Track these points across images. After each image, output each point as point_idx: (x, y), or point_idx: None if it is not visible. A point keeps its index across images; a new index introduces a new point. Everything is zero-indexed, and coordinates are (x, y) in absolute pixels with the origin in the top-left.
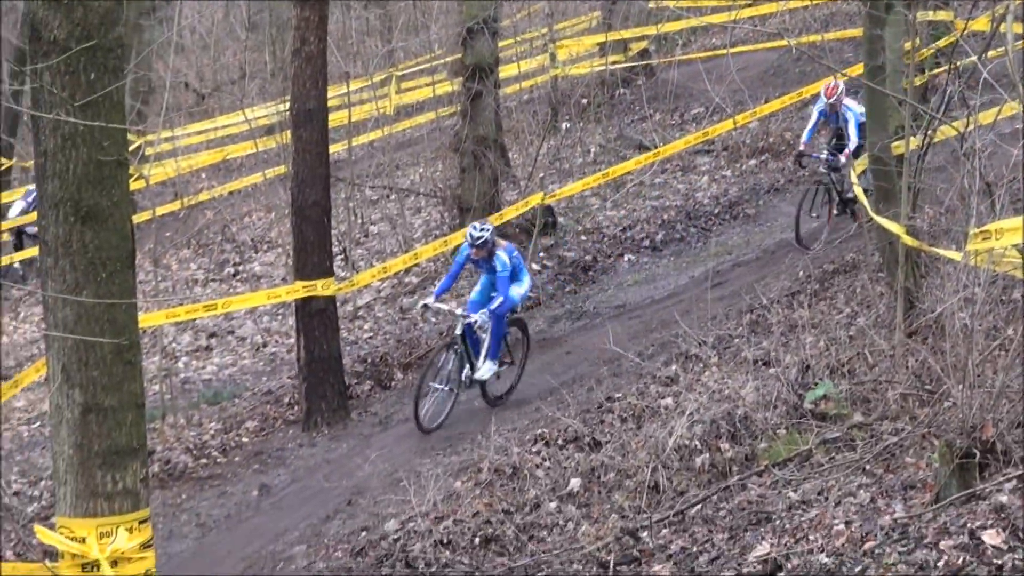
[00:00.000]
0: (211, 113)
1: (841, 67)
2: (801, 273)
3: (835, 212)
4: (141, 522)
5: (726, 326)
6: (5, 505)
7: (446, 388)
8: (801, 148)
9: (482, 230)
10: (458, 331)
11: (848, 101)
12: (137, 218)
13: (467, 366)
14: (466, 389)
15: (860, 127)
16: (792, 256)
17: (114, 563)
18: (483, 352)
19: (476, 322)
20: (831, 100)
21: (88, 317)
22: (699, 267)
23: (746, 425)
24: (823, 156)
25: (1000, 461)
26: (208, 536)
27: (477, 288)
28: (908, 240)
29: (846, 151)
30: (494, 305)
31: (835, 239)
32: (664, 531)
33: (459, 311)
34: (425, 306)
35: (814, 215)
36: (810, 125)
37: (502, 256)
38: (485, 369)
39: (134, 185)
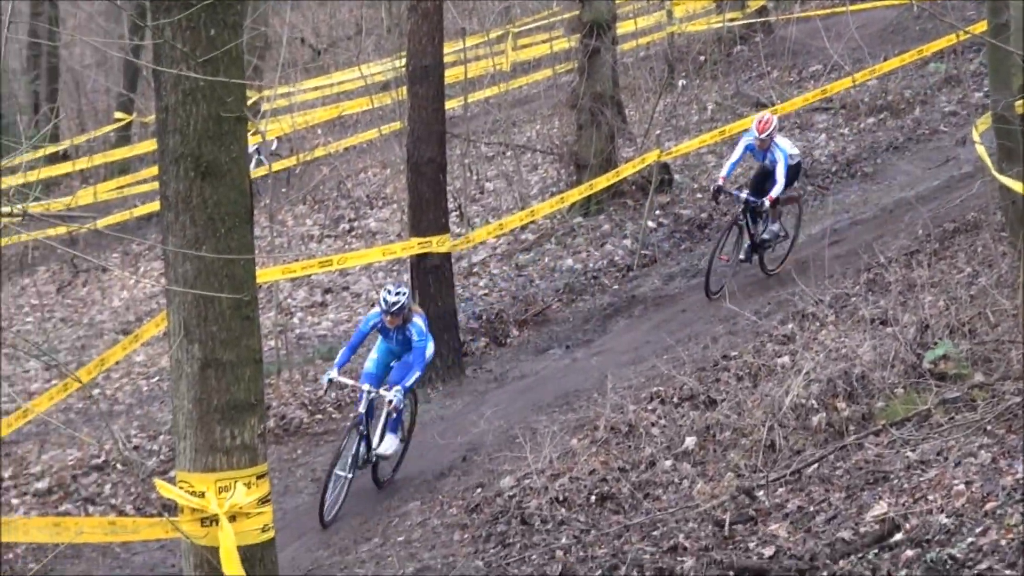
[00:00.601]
0: (327, 69)
1: (963, 25)
2: (920, 232)
3: (741, 257)
4: (259, 477)
5: (843, 285)
6: (125, 459)
7: (349, 475)
8: (719, 183)
9: (398, 294)
10: (362, 408)
11: (779, 139)
12: (254, 173)
13: (364, 444)
14: (360, 469)
15: (789, 169)
16: (911, 215)
17: (232, 518)
18: (381, 425)
19: (391, 401)
20: (762, 135)
21: (207, 272)
22: (816, 225)
23: (863, 384)
24: (743, 196)
25: None
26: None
27: (374, 357)
28: None
29: (771, 195)
30: (409, 381)
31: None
32: (780, 490)
33: (365, 387)
34: (330, 380)
35: (725, 259)
36: (733, 158)
37: (419, 324)
38: (387, 443)
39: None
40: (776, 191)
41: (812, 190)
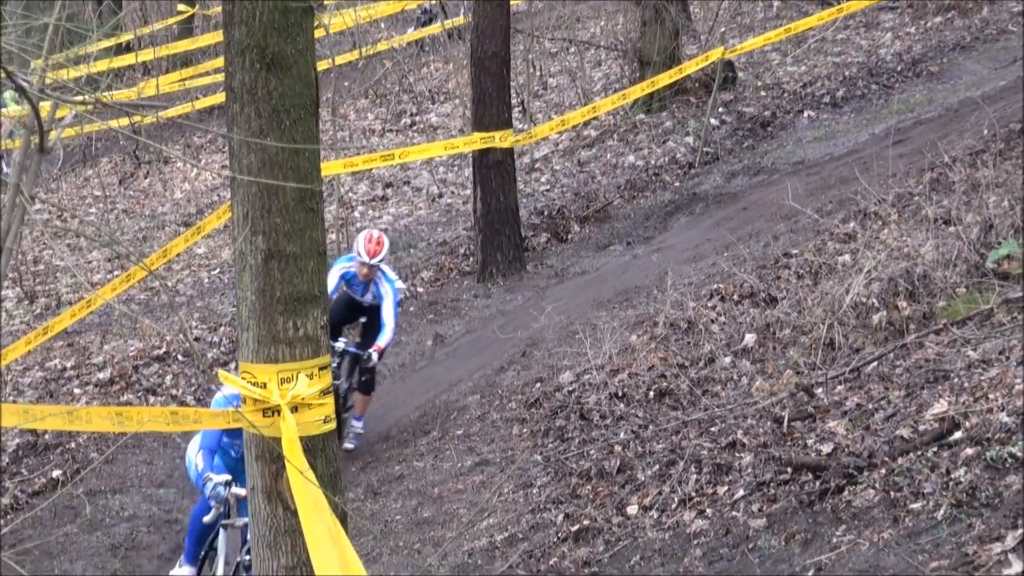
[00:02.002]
0: None
1: None
2: (986, 132)
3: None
4: (321, 369)
5: (906, 184)
6: (187, 350)
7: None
8: None
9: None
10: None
11: (387, 269)
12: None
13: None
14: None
15: (398, 306)
16: (977, 115)
17: (294, 409)
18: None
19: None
20: (371, 260)
21: (272, 163)
22: (880, 124)
23: (924, 283)
24: (340, 346)
25: None
26: (383, 384)
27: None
28: None
29: (378, 344)
30: (383, 340)
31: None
32: (839, 388)
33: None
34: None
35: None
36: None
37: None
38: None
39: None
40: (386, 339)
41: (876, 89)
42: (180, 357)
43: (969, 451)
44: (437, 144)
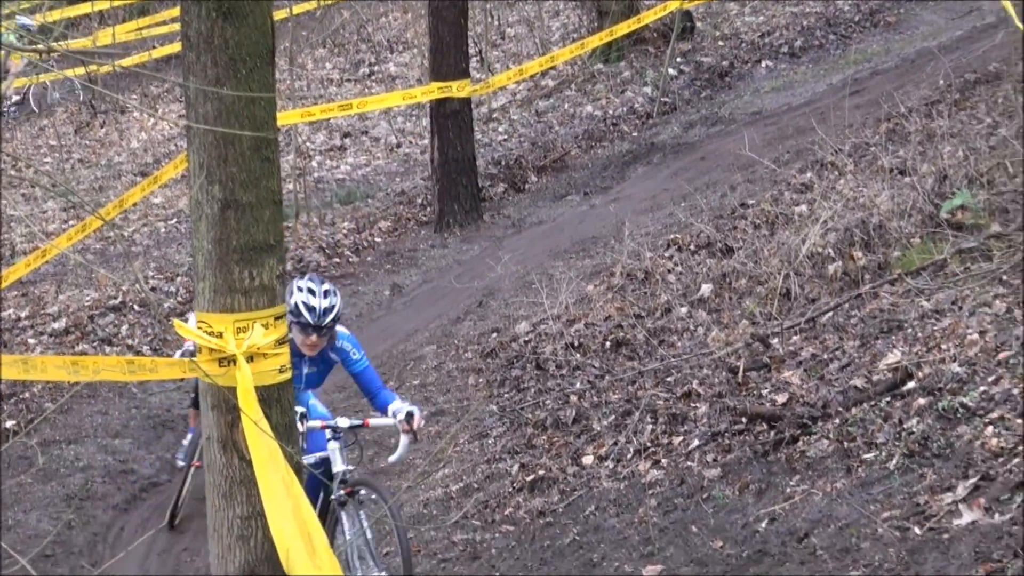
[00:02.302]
0: None
1: None
2: (942, 82)
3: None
4: (277, 318)
5: (863, 134)
6: (143, 300)
7: None
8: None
9: (327, 294)
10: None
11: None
12: (274, 16)
13: None
14: None
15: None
16: (933, 65)
17: (250, 358)
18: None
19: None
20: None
21: (228, 112)
22: (837, 74)
23: (880, 234)
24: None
25: None
26: None
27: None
28: None
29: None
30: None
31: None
32: (795, 338)
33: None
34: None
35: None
36: None
37: (344, 333)
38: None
39: None
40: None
41: (834, 39)
42: (136, 307)
43: (922, 401)
44: (395, 94)
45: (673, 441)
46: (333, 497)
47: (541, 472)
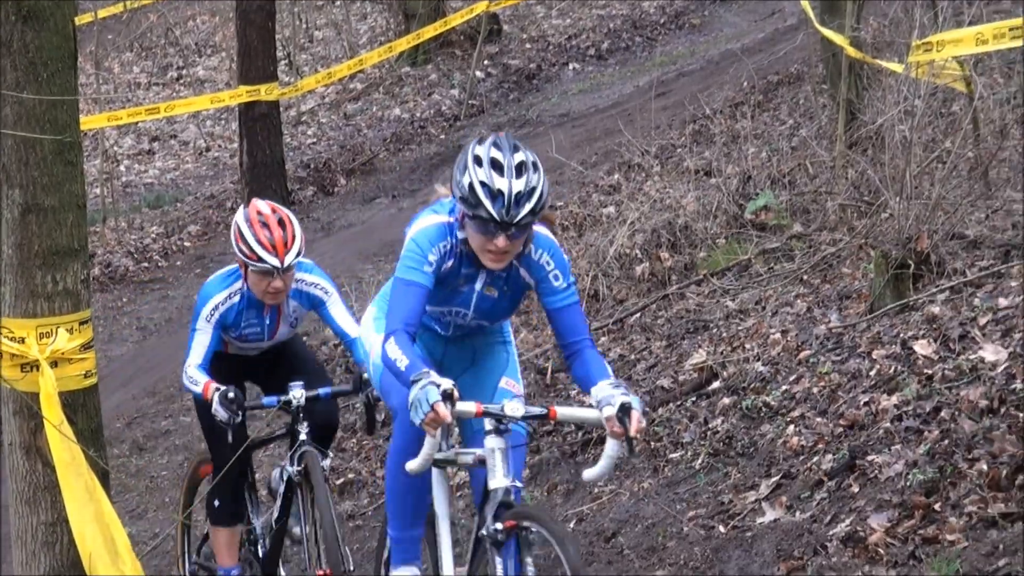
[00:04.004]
0: None
1: None
2: (745, 84)
3: None
4: (82, 323)
5: (669, 136)
6: None
7: None
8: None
9: (521, 166)
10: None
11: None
12: (79, 20)
13: None
14: None
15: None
16: (737, 67)
17: (54, 363)
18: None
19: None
20: (283, 263)
21: (29, 116)
22: (644, 76)
23: (686, 235)
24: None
25: (933, 272)
26: (149, 339)
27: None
28: (851, 52)
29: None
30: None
31: None
32: (603, 339)
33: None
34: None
35: None
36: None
37: (545, 236)
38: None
39: None
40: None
41: (640, 41)
42: None
43: (726, 400)
44: (203, 97)
45: None
46: (484, 531)
47: (351, 475)
